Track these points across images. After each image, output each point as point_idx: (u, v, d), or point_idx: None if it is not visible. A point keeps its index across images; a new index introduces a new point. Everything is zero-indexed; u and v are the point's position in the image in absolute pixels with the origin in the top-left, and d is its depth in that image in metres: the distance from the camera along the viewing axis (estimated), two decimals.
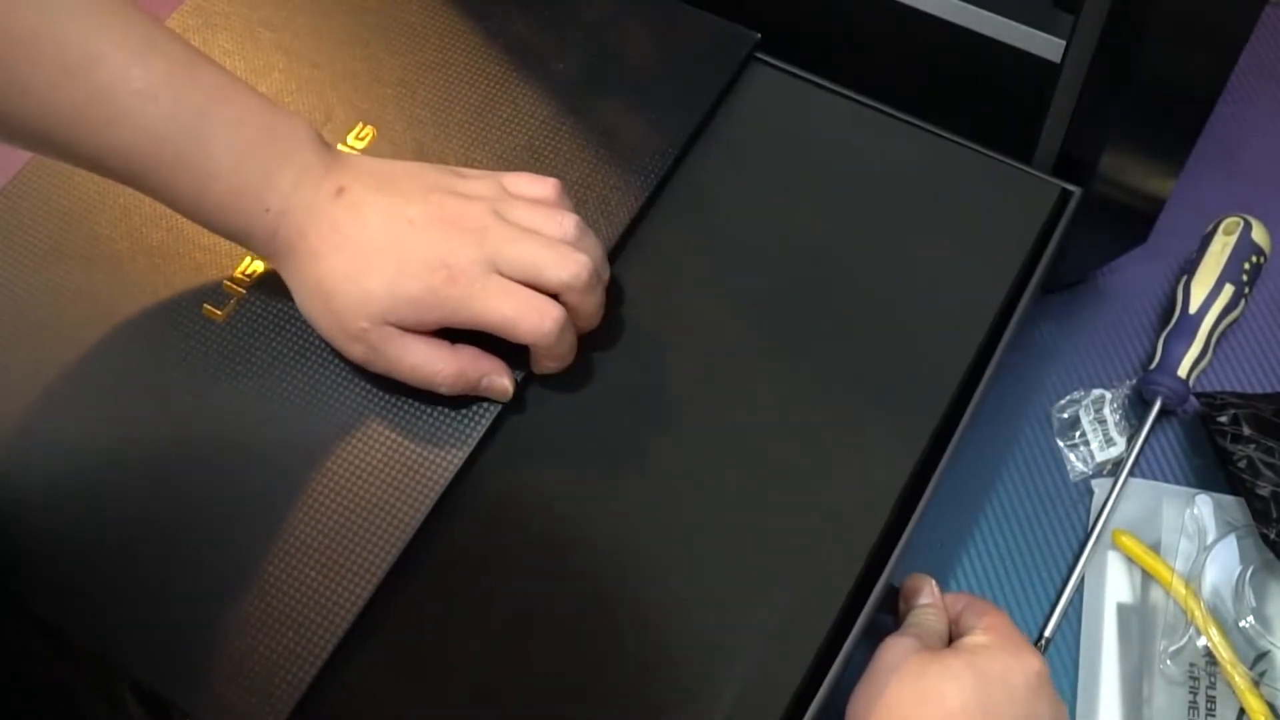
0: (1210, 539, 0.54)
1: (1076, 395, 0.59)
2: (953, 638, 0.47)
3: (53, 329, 0.50)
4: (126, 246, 0.52)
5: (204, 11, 0.58)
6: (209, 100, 0.43)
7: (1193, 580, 0.53)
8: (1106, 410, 0.58)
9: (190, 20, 0.58)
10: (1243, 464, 0.54)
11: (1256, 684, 0.51)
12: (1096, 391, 0.59)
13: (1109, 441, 0.58)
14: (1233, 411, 0.55)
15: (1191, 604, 0.53)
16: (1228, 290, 0.59)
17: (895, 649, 0.44)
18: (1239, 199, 0.65)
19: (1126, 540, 0.55)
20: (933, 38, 0.51)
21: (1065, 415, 0.59)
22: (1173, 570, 0.54)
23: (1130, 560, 0.55)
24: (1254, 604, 0.53)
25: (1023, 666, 0.43)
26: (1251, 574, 0.53)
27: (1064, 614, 0.55)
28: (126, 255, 0.51)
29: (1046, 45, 0.48)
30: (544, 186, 0.48)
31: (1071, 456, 0.58)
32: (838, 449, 0.47)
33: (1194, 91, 0.54)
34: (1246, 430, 0.55)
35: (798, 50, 0.56)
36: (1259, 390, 0.60)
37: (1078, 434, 0.58)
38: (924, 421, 0.47)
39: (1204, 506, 0.55)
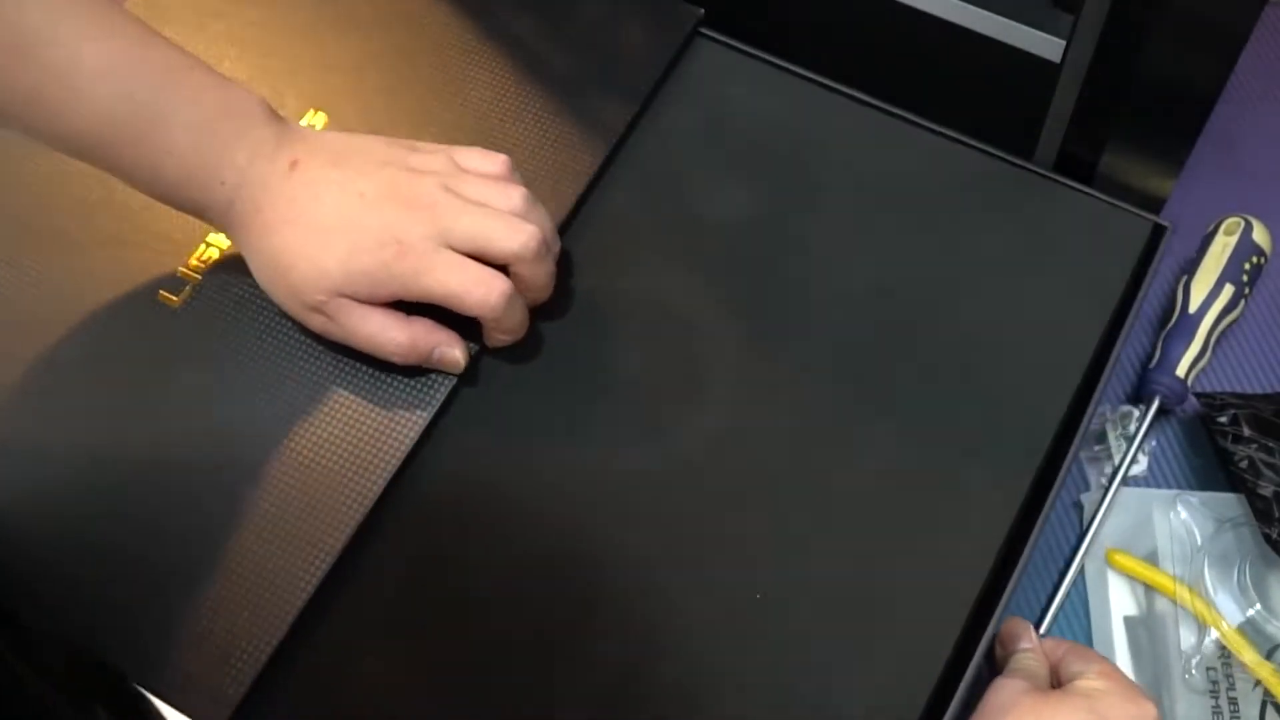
0: (1200, 539, 0.54)
1: (1104, 409, 0.59)
2: (1053, 684, 0.46)
3: (6, 319, 0.50)
4: (81, 236, 0.52)
5: (153, 3, 0.58)
6: (163, 78, 0.44)
7: (1194, 584, 0.53)
8: (1133, 426, 0.58)
9: (138, 11, 0.57)
10: (1244, 464, 0.54)
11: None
12: (1124, 407, 0.59)
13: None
14: (1233, 412, 0.55)
15: (1199, 607, 0.52)
16: (1228, 290, 0.59)
17: (1006, 690, 0.44)
18: (1239, 198, 0.65)
19: (1121, 558, 0.55)
20: (933, 37, 0.51)
21: (1091, 427, 0.59)
22: (1174, 578, 0.54)
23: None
24: (1256, 594, 0.52)
25: (1141, 713, 0.43)
26: (1250, 566, 0.53)
27: (1053, 621, 0.54)
28: (81, 244, 0.52)
29: (1046, 45, 0.48)
30: (494, 161, 0.49)
31: (1092, 469, 0.58)
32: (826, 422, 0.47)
33: (1194, 91, 0.54)
34: (1247, 431, 0.55)
35: (795, 48, 0.56)
36: (1259, 390, 0.60)
37: (1099, 448, 0.58)
38: (1020, 472, 0.46)
39: (1187, 508, 0.55)
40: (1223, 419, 0.55)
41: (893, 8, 0.51)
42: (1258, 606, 0.52)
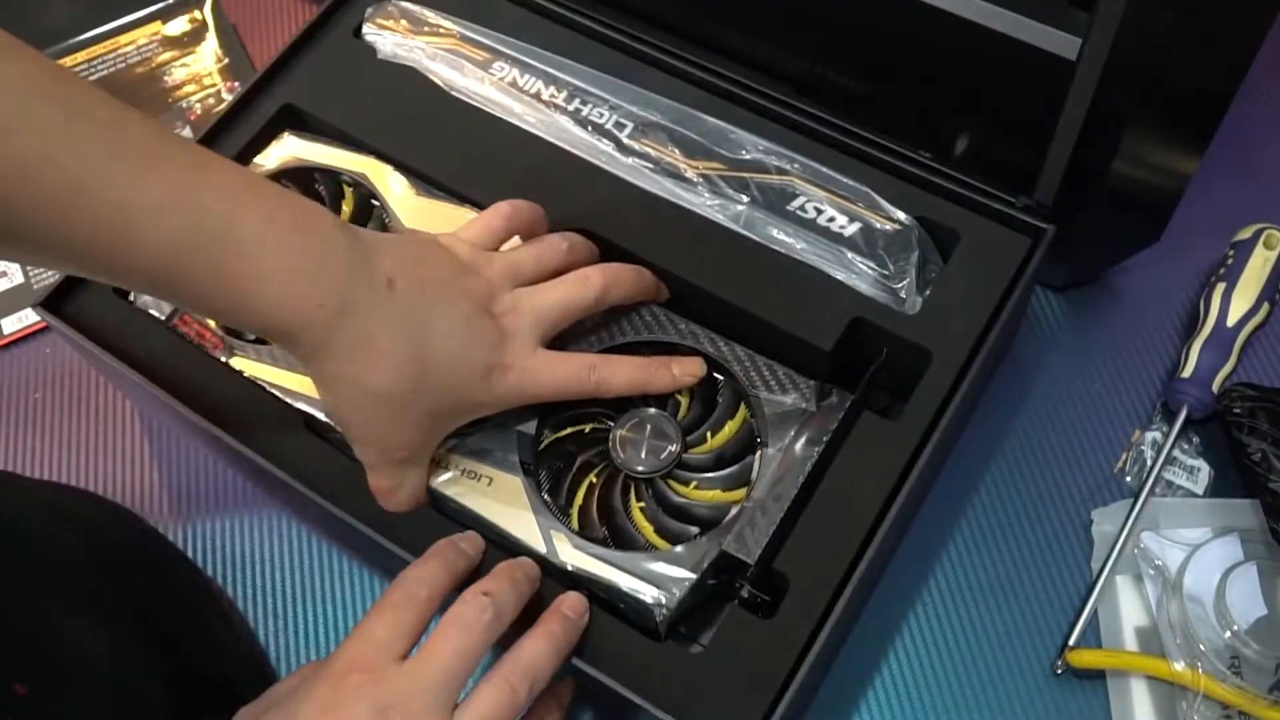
0: (1172, 572, 0.54)
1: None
2: None
3: None
4: None
5: None
6: (232, 201, 0.41)
7: (1173, 625, 0.53)
8: (1177, 452, 0.59)
9: None
10: (1257, 457, 0.54)
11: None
12: (1151, 431, 0.59)
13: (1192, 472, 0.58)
14: (1250, 404, 0.55)
15: (1189, 679, 0.52)
16: (1265, 306, 0.59)
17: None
18: (1252, 198, 0.65)
19: (1084, 655, 0.54)
20: (947, 34, 0.51)
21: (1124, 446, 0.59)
22: (1145, 655, 0.53)
23: (1138, 580, 0.55)
24: (1235, 618, 0.52)
25: None
26: (1226, 590, 0.53)
27: (1081, 635, 0.54)
28: None
29: (1063, 43, 0.49)
30: (517, 216, 0.51)
31: (1116, 482, 0.58)
32: None
33: (1209, 89, 0.54)
34: (1264, 425, 0.55)
35: (807, 44, 0.57)
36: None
37: (1126, 459, 0.59)
38: None
39: (1150, 542, 0.55)
40: (1239, 409, 0.55)
41: (908, 3, 0.51)
42: (1236, 628, 0.52)
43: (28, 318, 0.67)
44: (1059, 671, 0.54)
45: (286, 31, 0.76)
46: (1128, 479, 0.58)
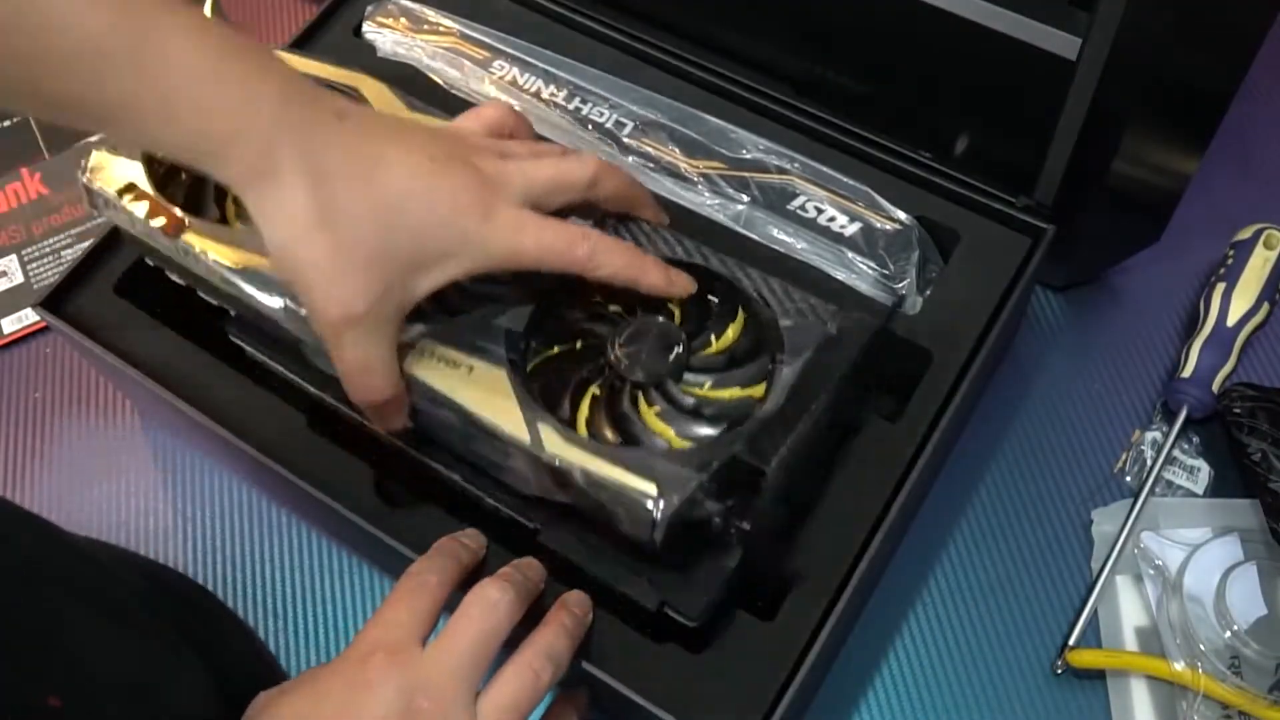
0: (1172, 572, 0.54)
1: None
2: None
3: None
4: None
5: None
6: (161, 9, 0.37)
7: (1173, 625, 0.53)
8: (1177, 452, 0.59)
9: None
10: (1257, 457, 0.54)
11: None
12: (1151, 431, 0.59)
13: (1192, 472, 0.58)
14: (1250, 404, 0.55)
15: (1190, 679, 0.52)
16: (1265, 306, 0.59)
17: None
18: (1252, 198, 0.66)
19: (1084, 655, 0.54)
20: (947, 34, 0.51)
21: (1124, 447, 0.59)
22: (1145, 655, 0.53)
23: (1138, 580, 0.55)
24: (1235, 618, 0.52)
25: None
26: (1226, 591, 0.53)
27: (1081, 635, 0.54)
28: None
29: (1063, 43, 0.49)
30: (493, 106, 0.49)
31: (1116, 482, 0.58)
32: None
33: (1209, 89, 0.54)
34: (1264, 425, 0.55)
35: (807, 44, 0.57)
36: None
37: (1126, 459, 0.59)
38: None
39: (1150, 542, 0.55)
40: (1239, 409, 0.55)
41: (908, 3, 0.51)
42: (1236, 628, 0.52)
43: (28, 318, 0.67)
44: (1059, 671, 0.54)
45: (286, 31, 0.76)
46: (1128, 479, 0.58)
